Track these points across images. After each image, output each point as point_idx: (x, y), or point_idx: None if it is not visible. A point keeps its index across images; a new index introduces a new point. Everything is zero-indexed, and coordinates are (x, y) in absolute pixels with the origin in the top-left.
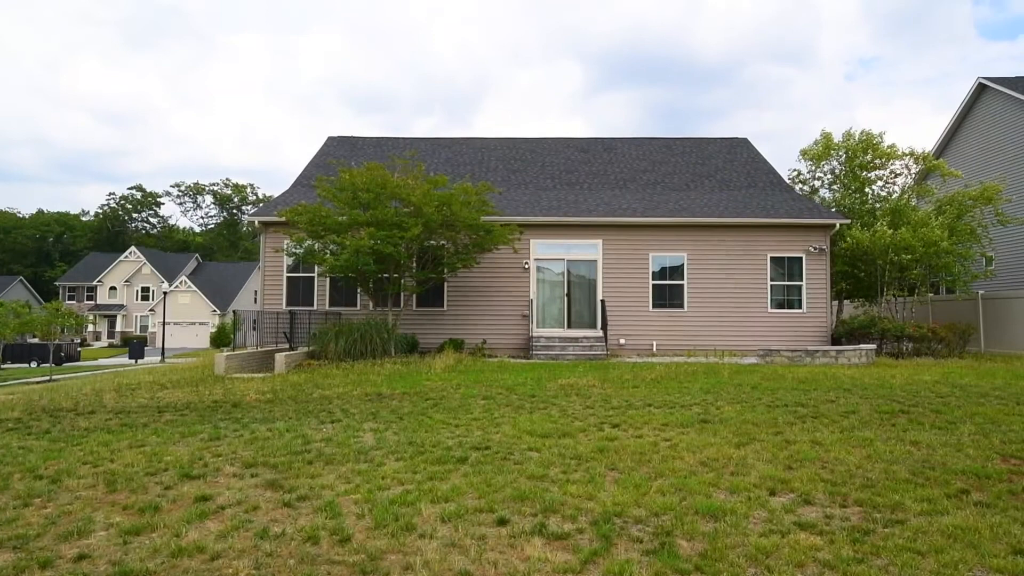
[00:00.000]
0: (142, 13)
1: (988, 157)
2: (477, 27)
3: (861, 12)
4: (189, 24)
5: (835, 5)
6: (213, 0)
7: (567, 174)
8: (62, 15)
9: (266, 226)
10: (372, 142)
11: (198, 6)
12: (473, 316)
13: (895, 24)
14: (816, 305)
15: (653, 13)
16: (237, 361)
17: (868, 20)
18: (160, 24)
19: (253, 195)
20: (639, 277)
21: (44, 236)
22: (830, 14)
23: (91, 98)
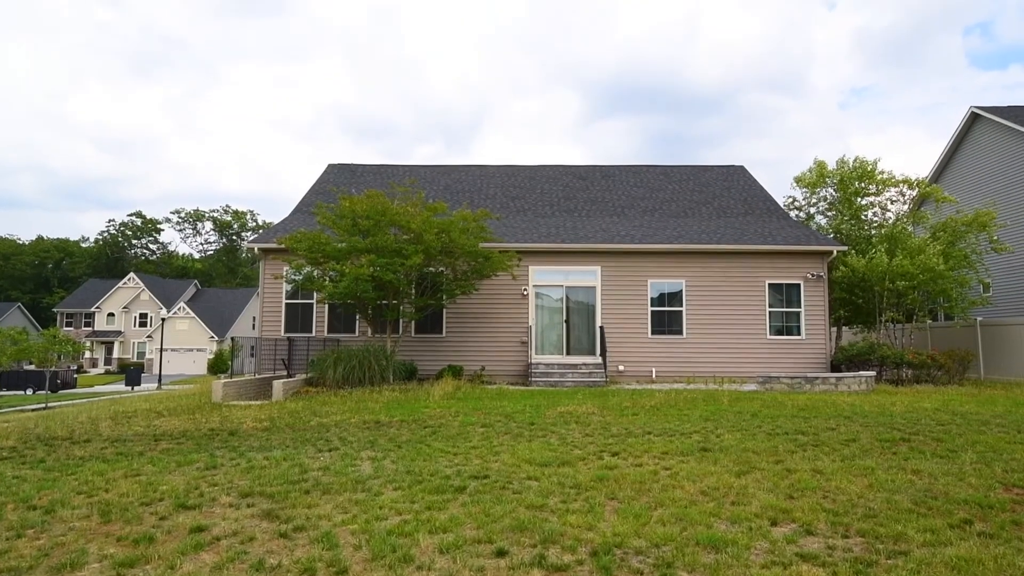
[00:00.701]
0: (146, 43)
1: (982, 184)
2: (475, 57)
3: (852, 43)
4: (192, 54)
5: (827, 36)
6: (216, 31)
7: (565, 201)
8: (68, 46)
9: (265, 253)
10: (372, 169)
11: (201, 36)
12: (472, 343)
13: (886, 54)
14: (815, 332)
15: (649, 44)
16: (235, 388)
17: (859, 51)
18: (163, 54)
19: (253, 221)
20: (638, 304)
21: (43, 262)
22: (822, 45)
23: (93, 126)
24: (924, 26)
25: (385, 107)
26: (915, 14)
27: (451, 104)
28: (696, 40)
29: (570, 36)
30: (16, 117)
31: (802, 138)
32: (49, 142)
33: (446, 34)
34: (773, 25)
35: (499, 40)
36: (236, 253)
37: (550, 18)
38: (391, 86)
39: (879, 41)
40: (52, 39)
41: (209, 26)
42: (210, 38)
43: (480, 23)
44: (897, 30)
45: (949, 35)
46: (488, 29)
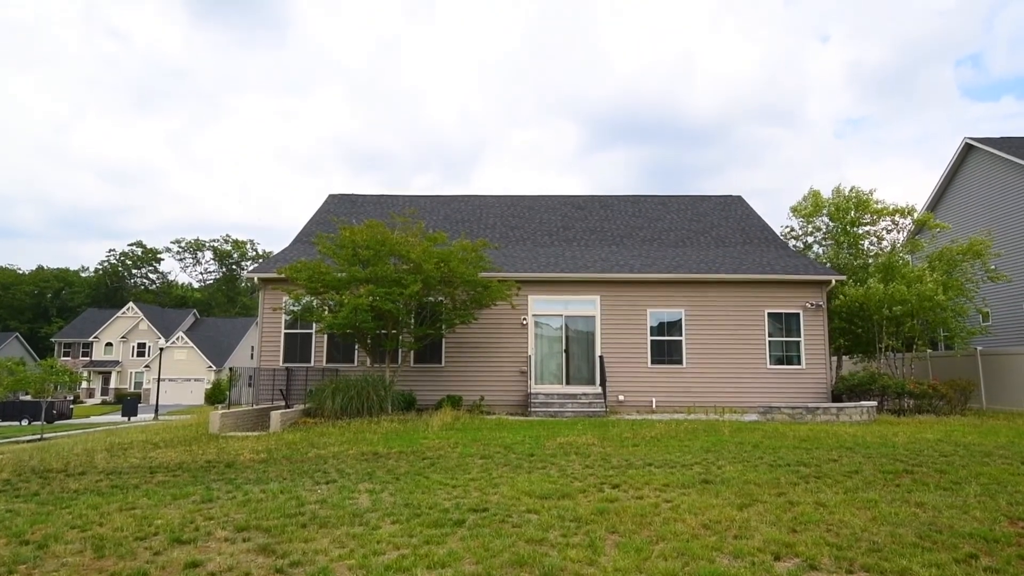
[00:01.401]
0: (150, 76)
1: (978, 214)
2: (475, 89)
3: (846, 76)
4: (195, 86)
5: (821, 69)
6: (219, 63)
7: (564, 230)
8: (72, 78)
9: (265, 283)
10: (372, 200)
11: (204, 69)
12: (471, 372)
13: (879, 87)
14: (815, 361)
15: (645, 78)
16: (232, 419)
17: (853, 83)
18: (166, 86)
19: (253, 251)
20: (637, 333)
21: (43, 292)
22: (816, 78)
23: (95, 157)
24: (915, 59)
25: (385, 137)
26: (906, 47)
27: (450, 134)
28: (692, 74)
29: (568, 69)
30: (20, 149)
31: (798, 168)
32: (51, 173)
33: (446, 66)
34: (768, 59)
35: (498, 73)
36: (236, 282)
37: (548, 52)
38: (391, 117)
39: (872, 74)
40: (57, 72)
41: (212, 59)
42: (213, 70)
43: (480, 56)
44: (889, 63)
45: (941, 68)
46: (488, 62)
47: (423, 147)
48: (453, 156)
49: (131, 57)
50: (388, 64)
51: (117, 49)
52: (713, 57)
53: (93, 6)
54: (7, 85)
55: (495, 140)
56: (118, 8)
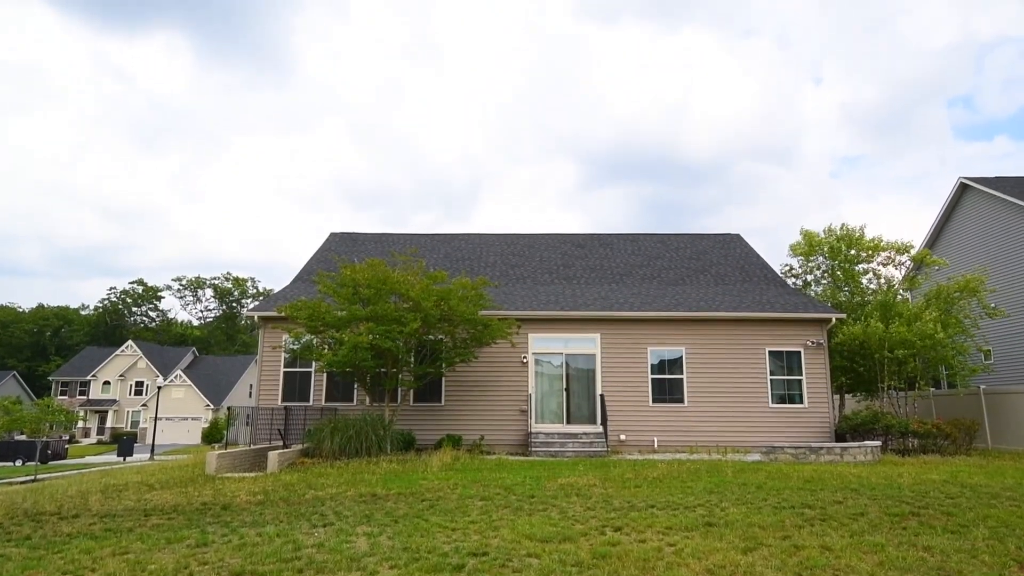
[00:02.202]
0: (153, 115)
1: (976, 252)
2: (475, 128)
3: (840, 116)
4: (198, 125)
5: (815, 109)
6: (223, 103)
7: (564, 268)
8: (77, 118)
9: (265, 321)
10: (373, 238)
11: (208, 109)
12: (471, 411)
13: (873, 126)
14: (817, 400)
15: (643, 118)
16: (229, 459)
17: (848, 123)
18: (170, 125)
19: (253, 288)
20: (638, 371)
21: (42, 330)
22: (811, 117)
23: (98, 196)
24: (908, 99)
25: (386, 175)
26: (898, 88)
27: (451, 172)
28: (688, 114)
29: (567, 110)
30: (23, 187)
31: (796, 205)
32: (54, 211)
33: (446, 106)
34: (763, 100)
35: (498, 112)
36: (235, 320)
37: (548, 93)
38: (392, 156)
39: (865, 114)
40: (62, 111)
41: (216, 99)
42: (216, 110)
43: (480, 96)
44: (882, 103)
45: (933, 108)
46: (488, 102)
47: (424, 185)
48: (453, 193)
49: (136, 97)
50: (389, 104)
51: (121, 90)
52: (709, 98)
53: (100, 51)
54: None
55: (495, 178)
56: (125, 50)
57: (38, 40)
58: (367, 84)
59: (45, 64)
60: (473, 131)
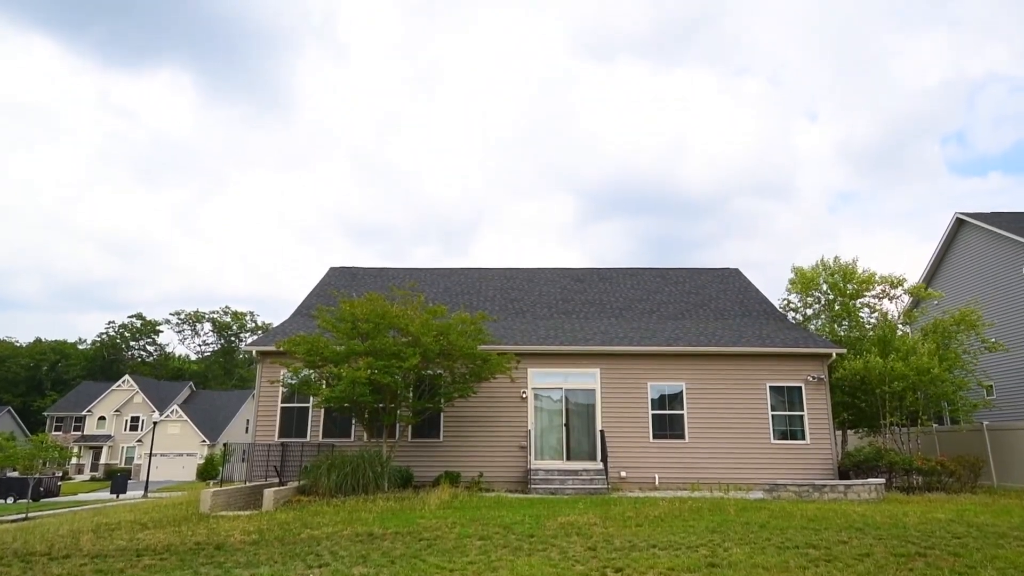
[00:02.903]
0: (156, 152)
1: (973, 286)
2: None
3: (835, 152)
4: (200, 161)
5: (810, 146)
6: (224, 139)
7: (563, 303)
8: (80, 153)
9: (263, 356)
10: (372, 272)
11: (210, 145)
12: (469, 447)
13: (869, 162)
14: (819, 436)
15: (640, 155)
16: (224, 497)
17: (843, 159)
18: (172, 162)
19: (252, 322)
20: (638, 407)
21: (39, 365)
22: (807, 153)
23: (99, 231)
24: (901, 137)
25: (386, 210)
26: (891, 125)
27: (450, 207)
28: (685, 150)
29: (565, 145)
30: (24, 221)
31: (793, 240)
32: (54, 245)
33: (446, 142)
34: (758, 136)
35: (497, 148)
36: (233, 354)
37: (546, 129)
38: (392, 190)
39: (860, 150)
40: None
41: (217, 135)
42: (218, 146)
43: (479, 132)
44: (876, 140)
45: (926, 144)
46: (487, 138)
47: (423, 219)
48: (453, 227)
49: (139, 133)
50: (389, 140)
51: (125, 126)
52: (705, 134)
53: (105, 88)
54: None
55: (494, 212)
56: (129, 87)
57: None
58: (367, 120)
59: (49, 100)
60: (472, 166)
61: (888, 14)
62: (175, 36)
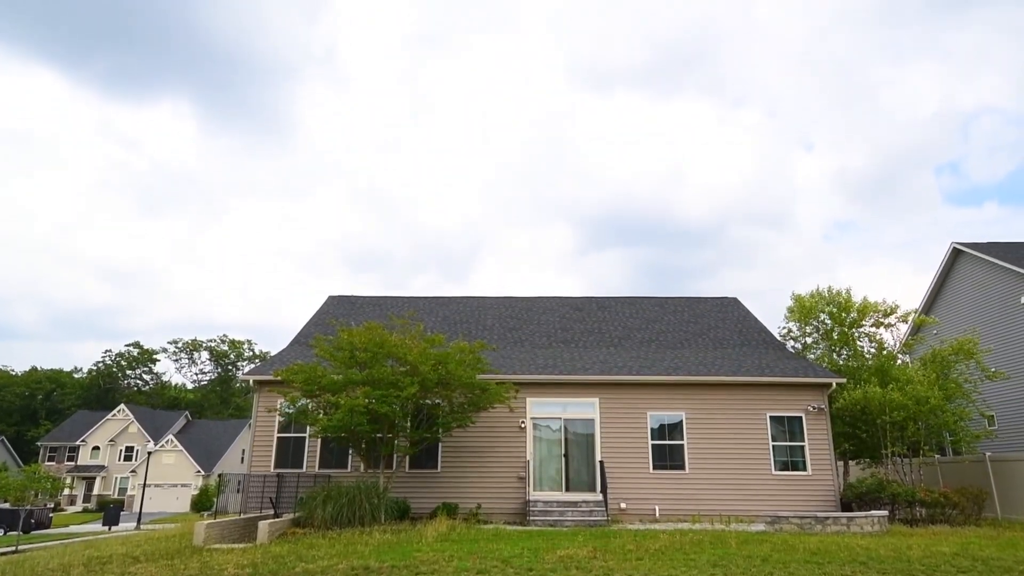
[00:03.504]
0: (156, 181)
1: (972, 316)
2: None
3: (831, 182)
4: (200, 190)
5: (807, 176)
6: (225, 168)
7: (562, 332)
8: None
9: (260, 385)
10: (371, 301)
11: (210, 174)
12: (468, 478)
13: (864, 192)
14: (821, 467)
15: (638, 185)
16: (218, 529)
17: (839, 189)
18: (172, 190)
19: (250, 351)
20: (638, 437)
21: (34, 393)
22: (803, 183)
23: (98, 259)
24: (896, 167)
25: (384, 238)
26: (885, 156)
27: (449, 236)
28: (682, 180)
29: (563, 175)
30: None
31: (791, 268)
32: (53, 273)
33: (445, 171)
34: (755, 166)
35: (496, 178)
36: (230, 383)
37: (544, 158)
38: (391, 219)
39: (856, 180)
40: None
41: (218, 163)
42: (218, 175)
43: (477, 161)
44: (871, 170)
45: (921, 174)
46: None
47: (422, 247)
48: (451, 256)
49: (140, 162)
50: (389, 168)
51: (127, 156)
52: (702, 164)
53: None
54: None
55: (493, 240)
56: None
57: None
58: (366, 149)
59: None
60: (471, 195)
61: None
62: (177, 66)
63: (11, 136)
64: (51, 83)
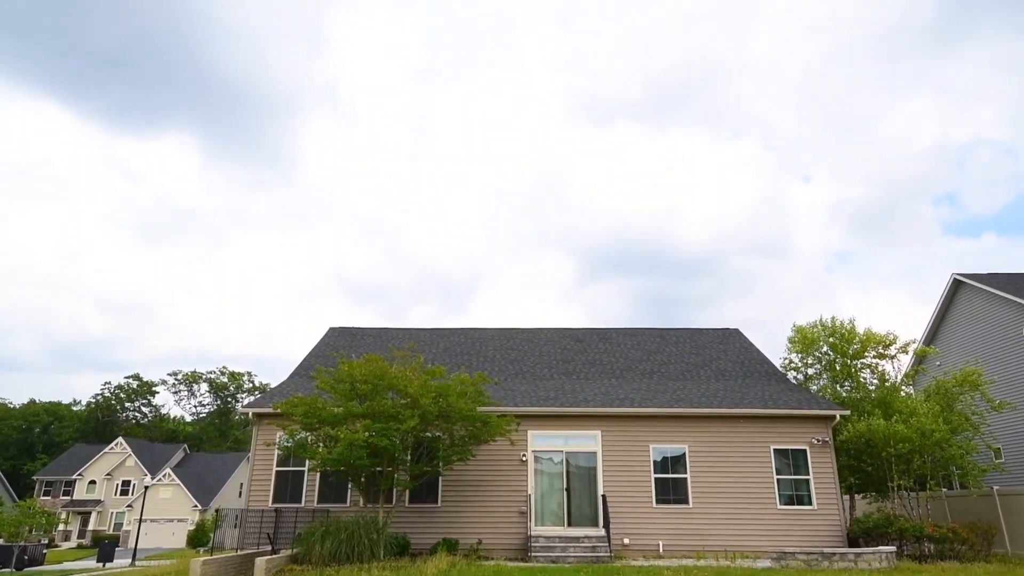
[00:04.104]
0: (159, 214)
1: (974, 347)
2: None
3: (830, 213)
4: (201, 223)
5: (805, 207)
6: (227, 201)
7: (564, 364)
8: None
9: (259, 418)
10: (372, 332)
11: (212, 207)
12: (468, 513)
13: (863, 223)
14: (827, 501)
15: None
16: (214, 566)
17: (837, 220)
18: (174, 223)
19: (249, 383)
20: (640, 470)
21: (31, 427)
22: (801, 214)
23: (98, 291)
24: (893, 198)
25: (384, 270)
26: (882, 187)
27: (449, 267)
28: (681, 211)
29: (564, 206)
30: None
31: (791, 298)
32: (53, 305)
33: (445, 202)
34: (753, 197)
35: (496, 209)
36: (230, 415)
37: (545, 190)
38: (391, 250)
39: (854, 211)
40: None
41: (220, 196)
42: (220, 208)
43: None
44: (869, 201)
45: (919, 206)
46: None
47: (422, 278)
48: (451, 287)
49: (143, 194)
50: (389, 200)
51: (130, 189)
52: (700, 195)
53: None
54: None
55: (493, 271)
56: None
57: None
58: (367, 180)
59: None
60: (471, 226)
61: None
62: (182, 101)
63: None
64: (57, 116)
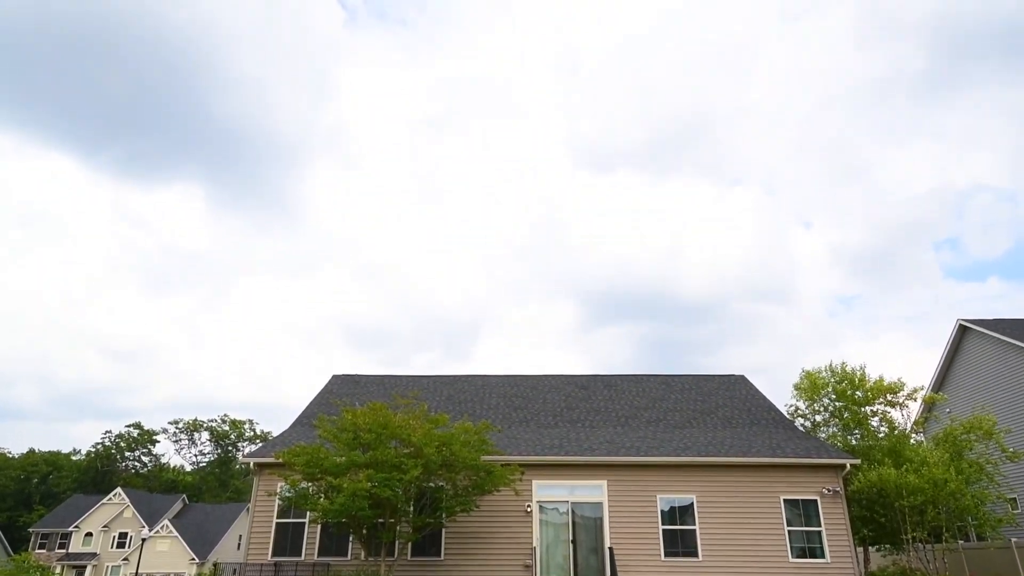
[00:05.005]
0: (165, 260)
1: (983, 393)
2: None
3: (832, 258)
4: (207, 269)
5: (807, 252)
6: (232, 247)
7: (568, 411)
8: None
9: (260, 468)
10: (375, 380)
11: (218, 253)
12: (472, 566)
13: (865, 268)
14: (840, 554)
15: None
16: None
17: (839, 265)
18: (180, 270)
19: (251, 431)
20: (648, 521)
21: (29, 477)
22: (803, 259)
23: (101, 337)
24: (894, 243)
25: (387, 315)
26: (883, 232)
27: (452, 313)
28: (683, 257)
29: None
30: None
31: (795, 344)
32: (56, 353)
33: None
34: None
35: (499, 254)
36: (230, 464)
37: (548, 236)
38: (395, 297)
39: (856, 257)
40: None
41: (225, 243)
42: (223, 254)
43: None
44: (870, 246)
45: (920, 251)
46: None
47: (425, 324)
48: (454, 332)
49: (149, 242)
50: (393, 246)
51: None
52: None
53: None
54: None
55: (495, 317)
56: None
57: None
58: (371, 227)
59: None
60: (474, 272)
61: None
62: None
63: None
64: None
